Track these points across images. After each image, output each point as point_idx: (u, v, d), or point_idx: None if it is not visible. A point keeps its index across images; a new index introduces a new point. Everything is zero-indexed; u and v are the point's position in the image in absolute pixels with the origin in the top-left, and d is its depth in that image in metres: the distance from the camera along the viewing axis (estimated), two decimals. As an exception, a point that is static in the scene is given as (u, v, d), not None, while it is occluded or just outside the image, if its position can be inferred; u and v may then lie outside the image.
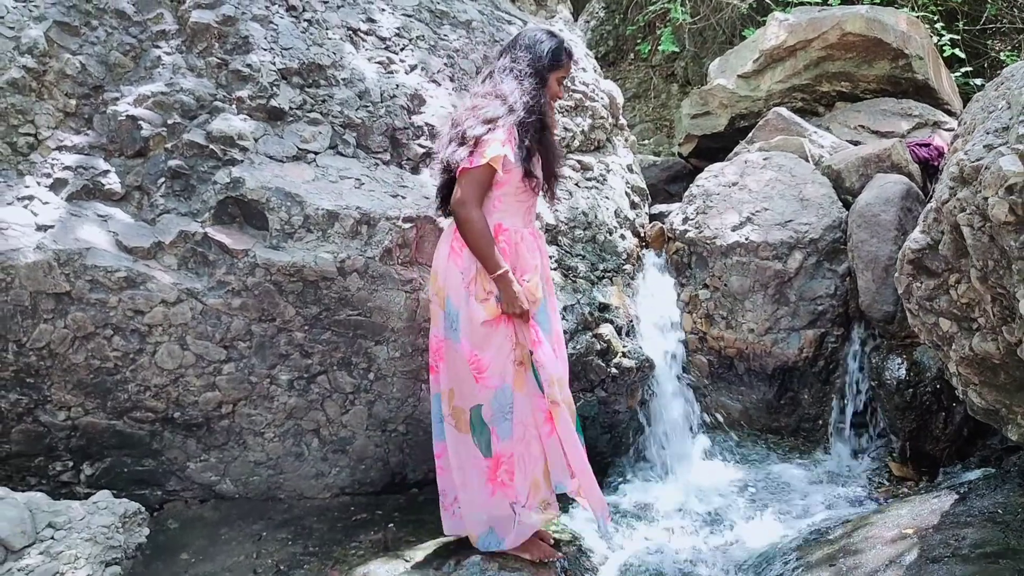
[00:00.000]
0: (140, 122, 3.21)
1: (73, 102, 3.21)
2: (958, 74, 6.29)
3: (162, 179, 3.22)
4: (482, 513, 2.94)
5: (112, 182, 3.17)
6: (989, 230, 2.08)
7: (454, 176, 2.83)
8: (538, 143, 2.88)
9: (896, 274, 2.52)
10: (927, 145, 4.55)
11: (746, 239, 4.15)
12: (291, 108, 3.43)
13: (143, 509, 3.02)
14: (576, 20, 8.04)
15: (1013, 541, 2.61)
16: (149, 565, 2.99)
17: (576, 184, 4.32)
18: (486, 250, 2.76)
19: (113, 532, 2.70)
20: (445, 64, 3.94)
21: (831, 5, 6.09)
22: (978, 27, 6.77)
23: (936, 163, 4.40)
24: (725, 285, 4.19)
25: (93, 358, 3.05)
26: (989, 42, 6.89)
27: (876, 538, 2.91)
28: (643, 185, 4.90)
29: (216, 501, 3.40)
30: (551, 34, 3.01)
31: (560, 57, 2.96)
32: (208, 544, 3.18)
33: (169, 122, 3.25)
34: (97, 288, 3.00)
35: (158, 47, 3.38)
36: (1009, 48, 6.80)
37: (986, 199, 2.02)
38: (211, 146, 3.23)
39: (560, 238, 4.05)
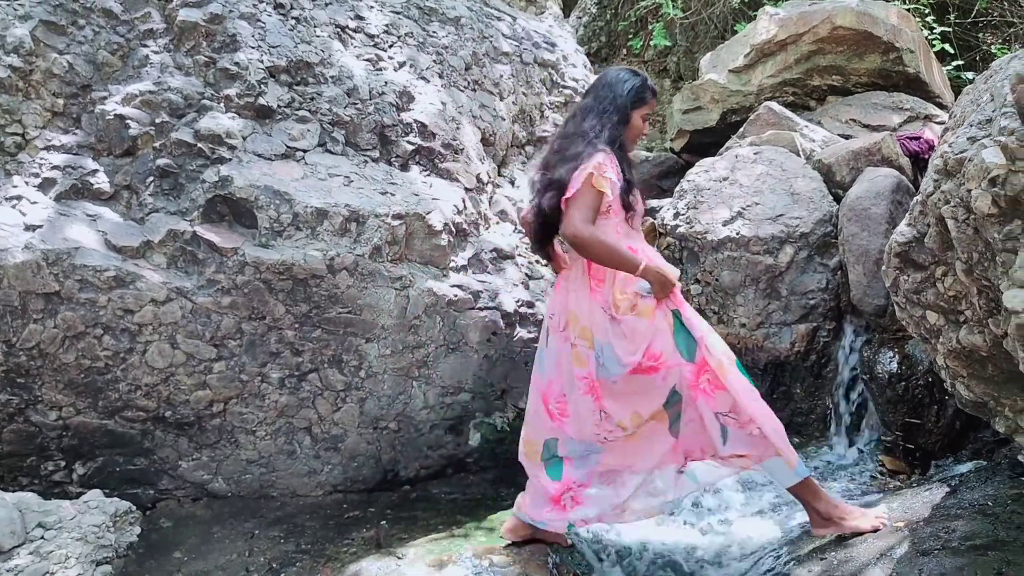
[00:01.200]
0: (128, 121, 3.21)
1: (61, 101, 3.21)
2: (949, 68, 6.29)
3: (151, 178, 3.21)
4: None
5: (100, 181, 3.17)
6: (973, 222, 2.09)
7: (551, 222, 2.80)
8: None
9: (884, 267, 2.53)
10: (917, 138, 4.55)
11: (737, 234, 4.15)
12: (279, 106, 3.42)
13: (134, 508, 3.03)
14: (568, 16, 8.04)
15: (1002, 533, 2.61)
16: (142, 563, 2.99)
17: (567, 180, 4.33)
18: (618, 255, 2.70)
19: (104, 531, 2.70)
20: (434, 61, 3.94)
21: (822, -1, 6.08)
22: (969, 20, 6.76)
23: (927, 156, 4.40)
24: (716, 280, 4.19)
25: (83, 358, 3.05)
26: (980, 35, 6.88)
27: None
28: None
29: (208, 499, 3.40)
30: (634, 72, 2.99)
31: (644, 94, 2.92)
32: (200, 542, 3.18)
33: (157, 121, 3.25)
34: (86, 288, 3.00)
35: (146, 46, 3.38)
36: (1000, 41, 6.80)
37: (970, 191, 2.03)
38: (199, 145, 3.23)
39: (551, 234, 4.05)
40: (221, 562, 3.06)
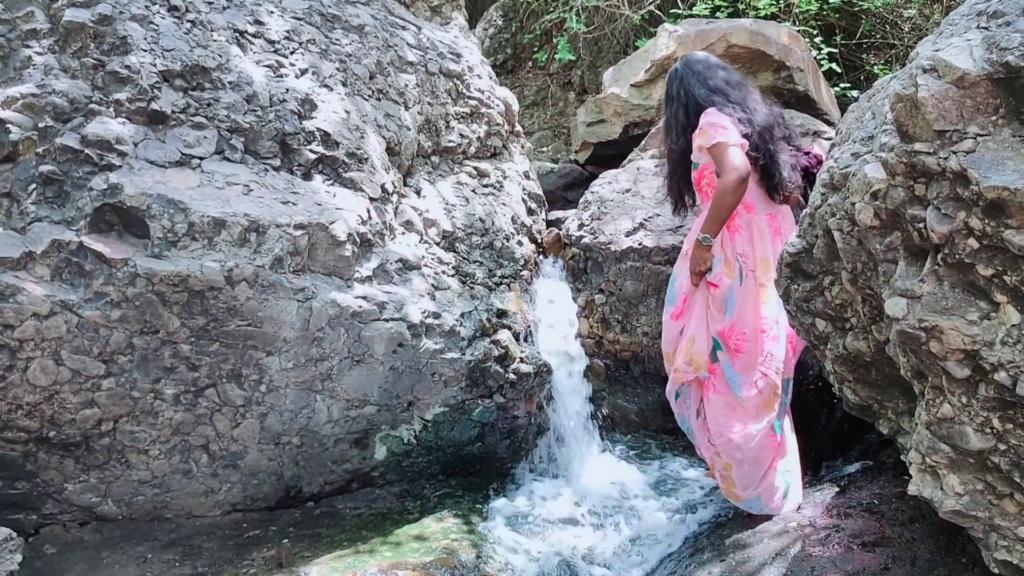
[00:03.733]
0: (8, 125, 3.03)
1: (-68, 103, 3.01)
2: (836, 87, 6.61)
3: (33, 185, 3.05)
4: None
5: (-23, 189, 2.99)
6: (857, 234, 2.19)
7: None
8: None
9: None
10: (807, 153, 4.72)
11: (639, 244, 4.24)
12: (174, 111, 3.30)
13: (15, 535, 2.86)
14: (474, 28, 8.07)
15: (888, 530, 2.75)
16: (23, 594, 2.83)
17: (473, 191, 4.34)
18: None
19: (-21, 561, 2.54)
20: (337, 69, 3.88)
21: (718, 18, 6.30)
22: (854, 42, 7.13)
23: (815, 171, 4.57)
24: (620, 289, 4.27)
25: (-43, 376, 2.86)
26: (864, 56, 7.27)
27: (763, 532, 3.02)
28: (540, 192, 4.95)
29: (97, 523, 3.25)
30: None
31: None
32: (88, 569, 3.03)
33: (40, 125, 3.08)
34: (-40, 301, 2.81)
35: (28, 46, 3.20)
36: (883, 62, 7.19)
37: (854, 204, 2.13)
38: (86, 151, 3.08)
39: (457, 244, 4.04)
40: (111, 589, 2.93)
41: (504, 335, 3.89)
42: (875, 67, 7.05)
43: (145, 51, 3.31)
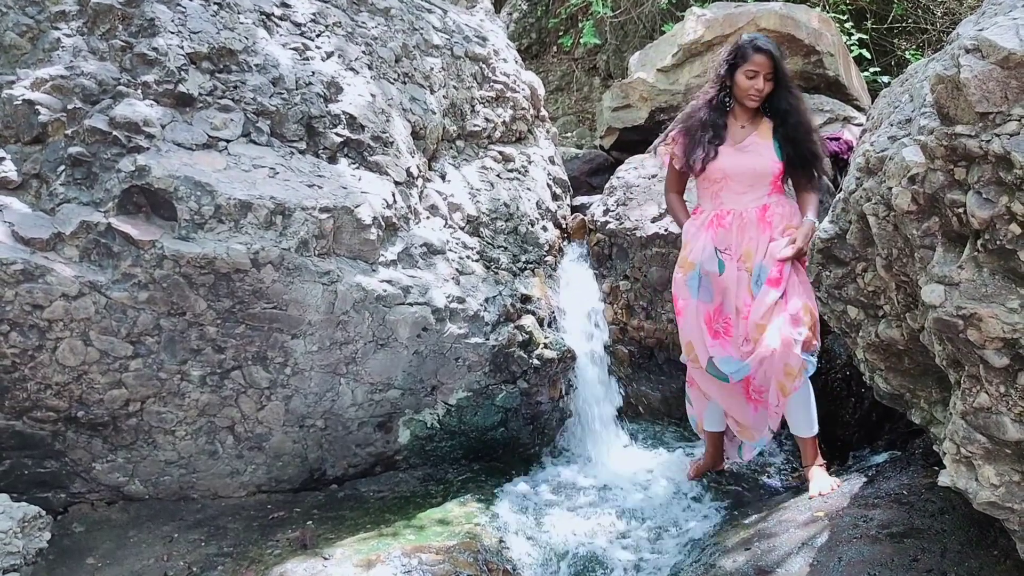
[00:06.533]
0: (38, 107, 3.05)
1: (-37, 85, 3.03)
2: (867, 73, 6.51)
3: (62, 167, 3.07)
4: None
5: (7, 170, 3.02)
6: (893, 219, 2.15)
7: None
8: (704, 139, 3.29)
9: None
10: (837, 139, 4.67)
11: (665, 231, 4.20)
12: (201, 94, 3.31)
13: (44, 512, 2.90)
14: (499, 12, 8.03)
15: (917, 521, 2.70)
16: (52, 570, 2.87)
17: (498, 175, 4.31)
18: (671, 214, 3.69)
19: (11, 537, 2.58)
20: (363, 52, 3.87)
21: (747, 1, 6.21)
22: (885, 26, 7.01)
23: (845, 156, 4.52)
24: (645, 276, 4.24)
25: (-13, 355, 2.89)
26: (895, 41, 7.14)
27: (789, 521, 2.98)
28: (565, 177, 4.92)
29: (124, 502, 3.28)
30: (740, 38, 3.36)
31: (736, 54, 3.26)
32: (115, 547, 3.06)
33: (69, 107, 3.09)
34: (-9, 281, 2.84)
35: (57, 28, 3.22)
36: (914, 47, 7.06)
37: (890, 189, 2.09)
38: (115, 132, 3.10)
39: (482, 229, 4.03)
40: (137, 567, 2.95)
41: (528, 320, 3.87)
42: (906, 52, 6.93)
43: (172, 33, 3.32)
